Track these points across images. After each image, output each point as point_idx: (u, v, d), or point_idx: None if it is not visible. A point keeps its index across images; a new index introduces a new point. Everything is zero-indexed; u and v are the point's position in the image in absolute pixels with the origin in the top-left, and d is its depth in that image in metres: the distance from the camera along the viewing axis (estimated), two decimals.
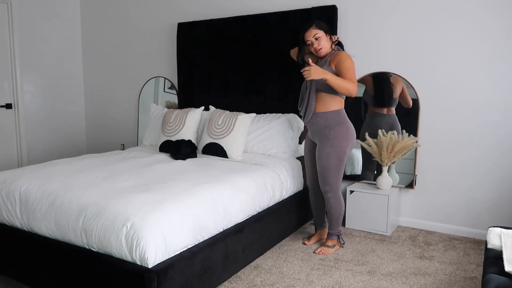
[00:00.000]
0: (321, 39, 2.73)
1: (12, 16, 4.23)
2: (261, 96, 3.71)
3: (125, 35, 4.71)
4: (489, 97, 3.04)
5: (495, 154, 3.06)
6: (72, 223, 2.05)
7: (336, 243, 2.92)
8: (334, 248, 2.89)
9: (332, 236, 2.92)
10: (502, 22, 2.94)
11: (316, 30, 2.73)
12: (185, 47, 4.11)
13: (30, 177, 2.44)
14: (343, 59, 2.67)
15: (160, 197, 2.11)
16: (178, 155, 3.12)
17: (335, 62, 2.69)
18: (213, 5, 4.04)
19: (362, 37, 3.41)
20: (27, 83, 4.47)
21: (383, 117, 3.41)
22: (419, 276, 2.54)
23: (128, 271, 1.82)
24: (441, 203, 3.27)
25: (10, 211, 2.33)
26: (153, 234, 1.84)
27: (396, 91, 3.35)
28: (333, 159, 2.74)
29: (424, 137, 3.26)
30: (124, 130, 4.86)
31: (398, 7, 3.26)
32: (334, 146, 2.73)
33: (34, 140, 4.57)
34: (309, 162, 2.98)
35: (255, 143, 3.32)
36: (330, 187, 2.81)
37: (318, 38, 2.73)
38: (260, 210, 2.67)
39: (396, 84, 3.34)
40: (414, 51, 3.24)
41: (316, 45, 2.73)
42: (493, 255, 1.85)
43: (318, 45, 2.73)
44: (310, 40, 2.75)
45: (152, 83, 4.55)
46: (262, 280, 2.48)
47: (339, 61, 2.67)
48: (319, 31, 2.73)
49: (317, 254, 2.84)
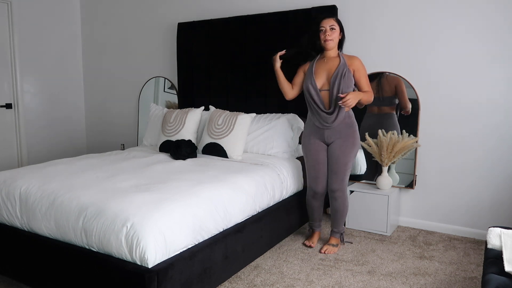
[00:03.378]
0: (334, 32, 2.79)
1: (12, 16, 4.23)
2: (261, 96, 3.71)
3: (125, 35, 4.71)
4: (489, 97, 3.03)
5: (495, 154, 3.06)
6: (72, 223, 2.04)
7: (339, 242, 2.95)
8: (337, 246, 2.92)
9: (336, 234, 2.96)
10: (505, 19, 2.93)
11: (335, 22, 2.81)
12: (185, 47, 4.11)
13: (30, 177, 2.44)
14: (361, 66, 2.82)
15: (160, 197, 2.11)
16: (178, 155, 3.12)
17: (353, 67, 2.80)
18: (213, 5, 4.04)
19: (362, 37, 3.41)
20: (27, 83, 4.47)
21: (372, 116, 3.42)
22: (419, 276, 2.54)
23: (128, 271, 1.82)
24: (441, 203, 3.27)
25: (10, 211, 2.32)
26: (153, 234, 1.84)
27: (386, 89, 3.35)
28: (353, 157, 2.86)
29: (424, 137, 3.26)
30: (124, 130, 4.86)
31: (398, 7, 3.26)
32: (355, 144, 2.85)
33: (34, 140, 4.57)
34: (318, 163, 2.90)
35: (255, 143, 3.31)
36: (343, 186, 2.86)
37: (333, 29, 2.79)
38: (260, 210, 2.67)
39: (386, 83, 3.34)
40: (414, 51, 3.24)
41: (328, 34, 2.77)
42: (493, 255, 1.85)
43: (330, 35, 2.77)
44: (325, 27, 2.78)
45: (152, 83, 4.55)
46: (262, 280, 2.48)
47: (358, 68, 2.81)
48: (337, 24, 2.81)
49: (323, 253, 2.86)
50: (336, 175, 2.84)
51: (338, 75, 2.74)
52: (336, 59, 2.82)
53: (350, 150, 2.82)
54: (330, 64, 2.81)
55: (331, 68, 2.80)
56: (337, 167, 2.83)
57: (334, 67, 2.79)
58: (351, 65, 2.79)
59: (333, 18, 2.81)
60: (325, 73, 2.81)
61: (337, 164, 2.83)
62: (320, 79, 2.81)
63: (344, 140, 2.81)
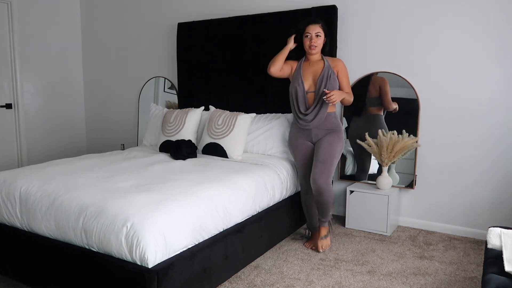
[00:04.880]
0: (319, 39, 2.85)
1: (12, 16, 4.23)
2: (261, 96, 3.71)
3: (125, 35, 4.71)
4: (489, 97, 3.04)
5: (495, 154, 3.06)
6: (72, 223, 2.04)
7: (328, 230, 2.96)
8: (328, 236, 2.94)
9: (324, 223, 2.94)
10: (505, 19, 2.93)
11: (321, 29, 2.84)
12: (185, 47, 4.11)
13: (30, 177, 2.44)
14: (344, 68, 2.91)
15: (160, 197, 2.11)
16: (178, 155, 3.12)
17: (337, 68, 2.88)
18: (213, 5, 4.04)
19: (362, 37, 3.41)
20: (27, 83, 4.47)
21: (359, 118, 3.45)
22: (419, 276, 2.54)
23: (128, 271, 1.82)
24: (441, 203, 3.27)
25: (10, 211, 2.33)
26: (153, 234, 1.84)
27: (370, 90, 3.36)
28: (339, 151, 2.87)
29: (424, 137, 3.26)
30: (124, 130, 4.86)
31: (398, 7, 3.26)
32: (340, 138, 2.89)
33: (34, 140, 4.57)
34: (308, 161, 2.96)
35: (255, 143, 3.32)
36: (328, 177, 2.82)
37: (318, 36, 2.83)
38: (260, 210, 2.67)
39: (371, 84, 3.35)
40: (414, 51, 3.24)
41: (314, 41, 2.82)
42: (493, 255, 1.85)
43: (315, 42, 2.82)
44: (311, 34, 2.82)
45: (152, 83, 4.55)
46: (262, 280, 2.48)
47: (342, 70, 2.89)
48: (322, 31, 2.85)
49: (322, 250, 2.87)
50: (323, 164, 2.80)
51: (324, 77, 2.81)
52: (320, 62, 2.90)
53: (337, 144, 2.86)
54: (315, 67, 2.88)
55: (316, 70, 2.86)
56: (323, 156, 2.82)
57: (319, 69, 2.86)
58: (335, 66, 2.88)
59: (319, 24, 2.83)
60: (311, 75, 2.88)
61: (323, 153, 2.83)
62: (307, 82, 2.87)
63: (331, 136, 2.87)
